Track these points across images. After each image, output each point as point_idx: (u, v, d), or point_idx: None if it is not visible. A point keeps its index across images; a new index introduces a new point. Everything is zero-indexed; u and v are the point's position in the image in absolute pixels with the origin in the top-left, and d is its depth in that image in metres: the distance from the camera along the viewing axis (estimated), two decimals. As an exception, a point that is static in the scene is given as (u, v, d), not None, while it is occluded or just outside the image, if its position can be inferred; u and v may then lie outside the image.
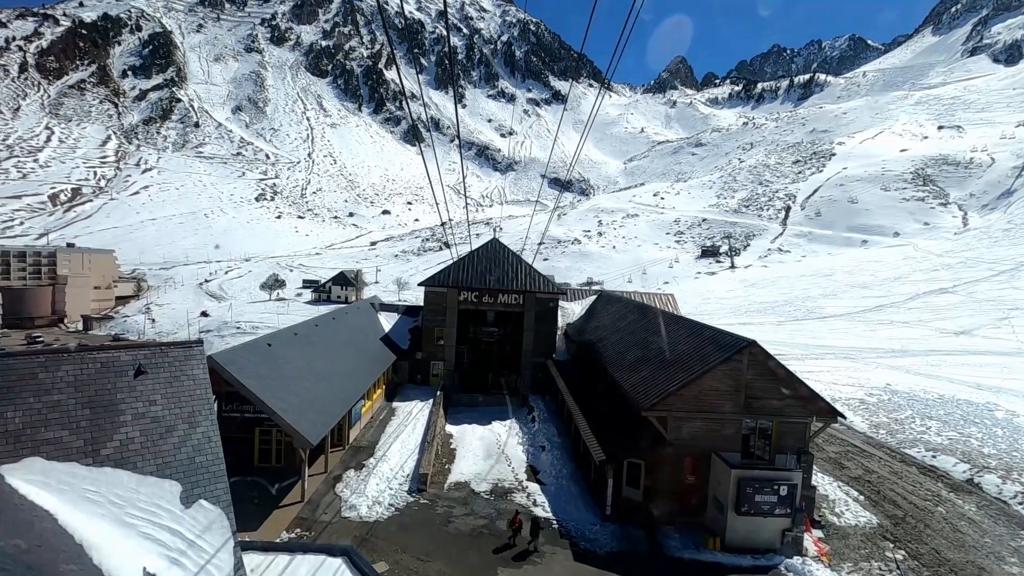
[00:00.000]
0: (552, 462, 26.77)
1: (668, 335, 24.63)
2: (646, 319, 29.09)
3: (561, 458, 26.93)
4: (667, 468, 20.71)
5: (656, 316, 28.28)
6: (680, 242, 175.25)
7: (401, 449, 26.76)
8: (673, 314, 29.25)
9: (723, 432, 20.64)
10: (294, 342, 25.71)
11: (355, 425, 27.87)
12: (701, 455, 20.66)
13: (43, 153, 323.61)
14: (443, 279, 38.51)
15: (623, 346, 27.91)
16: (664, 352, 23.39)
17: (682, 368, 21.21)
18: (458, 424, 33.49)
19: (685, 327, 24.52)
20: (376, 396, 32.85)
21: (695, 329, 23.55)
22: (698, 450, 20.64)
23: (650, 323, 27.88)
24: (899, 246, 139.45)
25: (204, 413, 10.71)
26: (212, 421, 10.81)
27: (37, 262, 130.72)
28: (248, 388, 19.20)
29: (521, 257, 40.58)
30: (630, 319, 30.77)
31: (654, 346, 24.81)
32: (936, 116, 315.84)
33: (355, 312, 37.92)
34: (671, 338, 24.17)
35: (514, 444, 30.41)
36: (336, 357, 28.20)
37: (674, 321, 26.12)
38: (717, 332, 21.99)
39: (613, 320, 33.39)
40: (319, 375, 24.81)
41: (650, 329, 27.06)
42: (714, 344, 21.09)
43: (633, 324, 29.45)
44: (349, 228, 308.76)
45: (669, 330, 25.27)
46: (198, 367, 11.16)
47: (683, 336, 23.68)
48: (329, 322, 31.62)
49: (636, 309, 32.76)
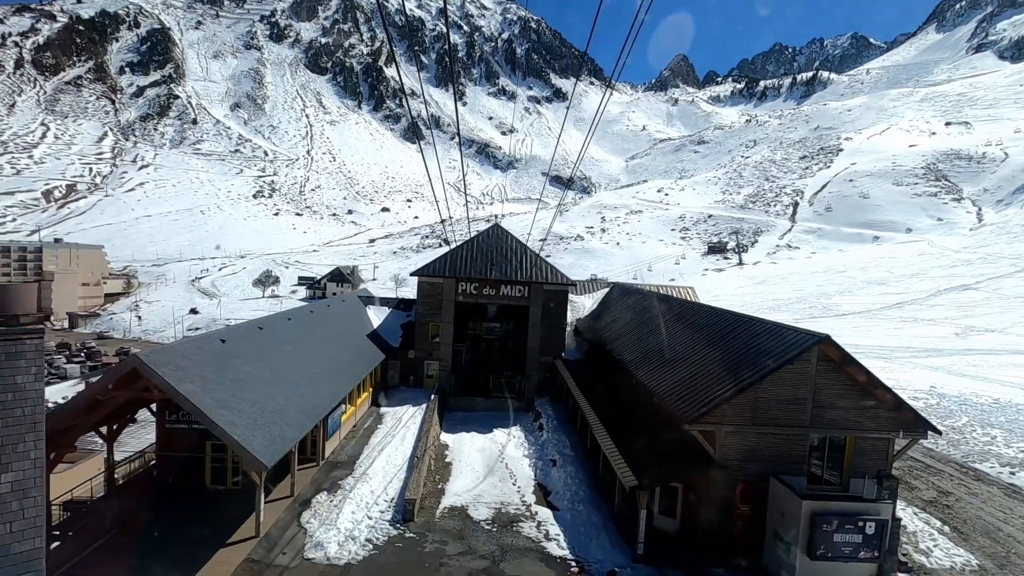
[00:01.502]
0: (565, 480, 22.59)
1: (713, 331, 20.40)
2: (680, 313, 24.84)
3: (576, 476, 22.74)
4: (713, 494, 16.52)
5: (695, 309, 24.07)
6: (685, 238, 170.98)
7: (386, 465, 22.58)
8: (716, 307, 25.03)
9: (784, 450, 16.47)
10: (257, 338, 21.52)
11: (333, 436, 23.71)
12: (757, 479, 16.50)
13: (38, 149, 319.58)
14: (439, 268, 34.31)
15: (649, 344, 23.69)
16: (709, 351, 19.15)
17: (733, 370, 17.01)
18: (455, 432, 29.33)
19: (734, 321, 20.27)
20: (361, 401, 28.69)
21: (748, 323, 19.30)
22: (753, 472, 16.48)
23: (687, 317, 23.65)
24: (913, 242, 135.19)
25: (24, 448, 6.50)
26: (37, 465, 6.60)
27: (22, 257, 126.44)
28: (183, 395, 15.04)
29: (527, 246, 36.38)
30: (657, 313, 26.56)
31: (693, 344, 20.58)
32: (942, 113, 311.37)
33: (338, 305, 33.71)
34: (716, 334, 19.94)
35: (519, 456, 26.25)
36: (311, 356, 24.02)
37: (717, 315, 21.86)
38: (777, 327, 17.78)
39: (634, 314, 29.17)
40: (286, 378, 20.62)
41: (687, 324, 22.83)
42: (776, 340, 16.87)
43: (662, 319, 25.24)
44: (348, 226, 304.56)
45: (713, 325, 21.03)
46: (27, 372, 6.97)
47: (732, 332, 19.45)
48: (305, 316, 27.42)
49: (664, 302, 28.52)
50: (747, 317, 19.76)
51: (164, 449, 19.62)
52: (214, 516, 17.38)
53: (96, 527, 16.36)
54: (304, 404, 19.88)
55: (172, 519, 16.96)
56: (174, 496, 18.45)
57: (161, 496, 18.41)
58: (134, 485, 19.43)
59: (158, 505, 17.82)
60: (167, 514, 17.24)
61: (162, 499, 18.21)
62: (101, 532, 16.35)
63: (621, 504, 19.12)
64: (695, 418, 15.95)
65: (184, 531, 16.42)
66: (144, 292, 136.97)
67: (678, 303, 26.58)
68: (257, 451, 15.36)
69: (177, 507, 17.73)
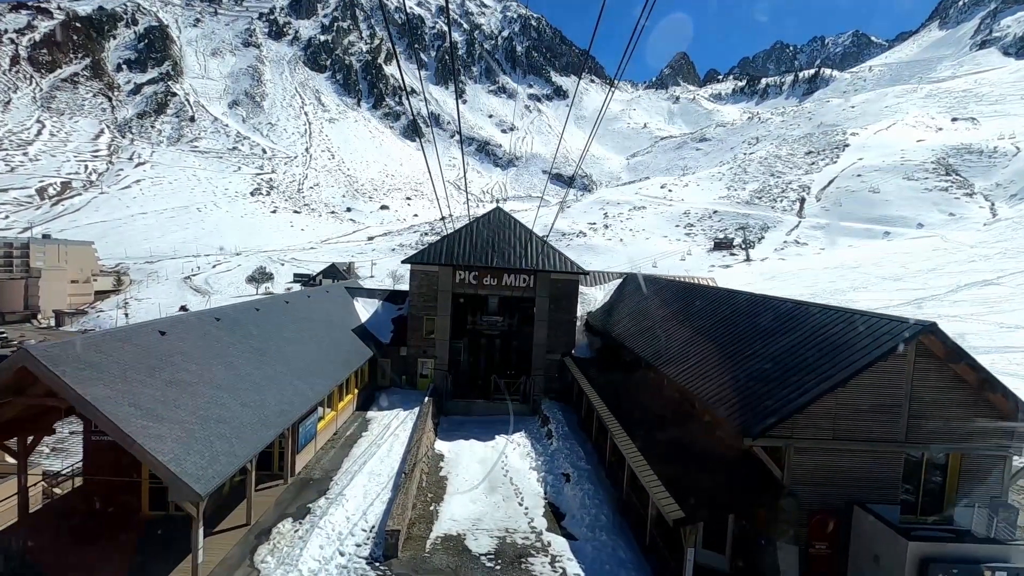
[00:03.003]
0: (582, 500, 18.95)
1: (769, 322, 16.73)
2: (721, 302, 21.13)
3: (595, 495, 19.09)
4: (780, 528, 12.88)
5: (741, 298, 20.38)
6: (690, 234, 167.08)
7: (368, 483, 18.93)
8: (768, 295, 21.41)
9: (872, 471, 12.84)
10: (211, 331, 17.86)
11: (306, 447, 20.05)
12: (836, 508, 12.87)
13: (33, 147, 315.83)
14: (434, 255, 30.63)
15: (684, 339, 20.00)
16: (766, 347, 15.47)
17: (804, 371, 13.32)
18: (451, 439, 25.75)
19: (796, 309, 16.56)
20: (343, 405, 25.05)
21: (820, 312, 15.58)
22: (831, 500, 12.86)
23: (730, 307, 19.94)
24: (925, 237, 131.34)
25: None
26: None
27: (8, 254, 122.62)
28: (88, 401, 11.40)
29: (532, 231, 32.68)
30: (690, 303, 22.88)
31: (743, 339, 16.91)
32: (948, 109, 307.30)
33: (320, 296, 30.01)
34: (775, 326, 16.27)
35: (525, 469, 22.63)
36: (280, 354, 20.37)
37: (772, 303, 18.15)
38: (863, 314, 14.10)
39: (659, 305, 25.46)
40: (246, 380, 16.97)
41: (731, 315, 19.14)
42: (861, 331, 13.19)
43: (697, 310, 21.55)
44: (346, 223, 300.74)
45: (768, 315, 17.37)
46: None
47: (795, 322, 15.77)
48: (278, 307, 23.73)
49: (696, 290, 24.85)
50: (814, 305, 16.09)
51: (92, 469, 16.00)
52: (147, 554, 13.75)
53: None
54: (265, 412, 16.23)
55: (93, 557, 13.36)
56: (100, 527, 14.82)
57: (84, 527, 14.77)
58: (51, 514, 15.77)
59: (78, 539, 14.20)
60: (87, 551, 13.63)
61: (84, 531, 14.58)
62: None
63: (655, 534, 15.49)
64: (760, 431, 12.30)
65: (102, 574, 12.79)
66: (135, 289, 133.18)
67: (718, 291, 22.94)
68: (189, 475, 11.71)
69: (101, 542, 14.10)
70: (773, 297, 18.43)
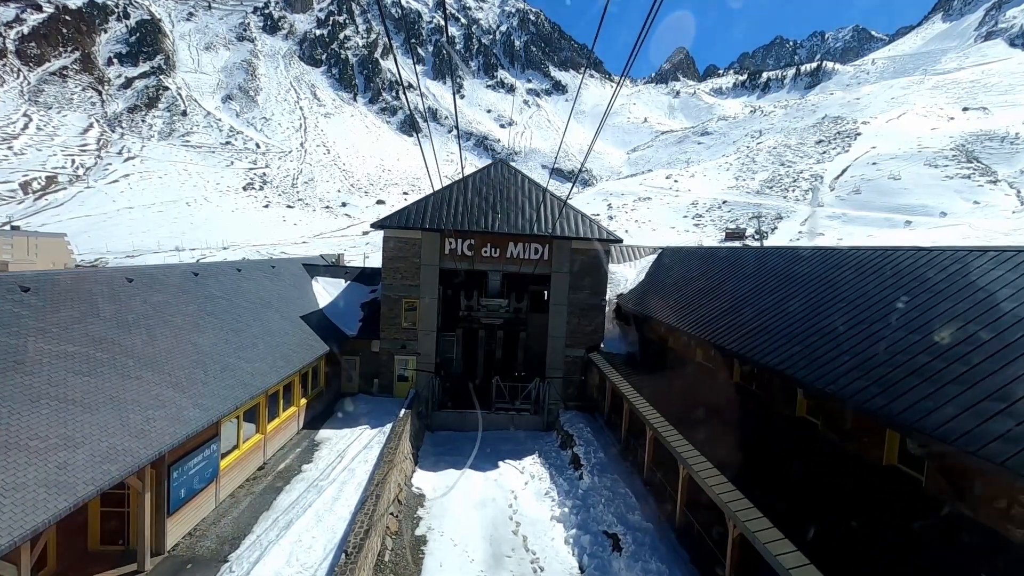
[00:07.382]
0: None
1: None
2: (858, 266, 13.47)
3: (662, 573, 11.52)
4: None
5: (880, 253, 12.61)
6: (699, 225, 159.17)
7: (289, 561, 11.31)
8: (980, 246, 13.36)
9: None
10: (45, 314, 10.18)
11: (188, 503, 12.32)
12: None
13: (19, 140, 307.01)
14: (415, 217, 22.88)
15: (826, 327, 12.31)
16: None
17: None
18: (438, 468, 18.18)
19: None
20: (278, 423, 17.37)
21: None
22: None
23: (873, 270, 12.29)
24: (951, 226, 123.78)
25: None
26: None
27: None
28: None
29: (546, 188, 24.93)
30: (810, 274, 15.19)
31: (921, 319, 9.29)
32: (956, 99, 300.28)
33: (259, 272, 22.23)
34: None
35: (546, 520, 15.08)
36: (171, 348, 12.67)
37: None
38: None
39: (743, 280, 17.71)
40: (80, 391, 9.27)
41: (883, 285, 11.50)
42: None
43: (846, 281, 13.83)
44: (341, 218, 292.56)
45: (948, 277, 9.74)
46: None
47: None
48: (172, 282, 16.01)
49: (820, 255, 16.89)
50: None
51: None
52: None
53: None
54: (96, 448, 8.59)
55: None
56: None
57: None
58: None
59: None
60: None
61: None
62: None
63: None
64: None
65: None
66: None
67: (831, 251, 15.30)
68: None
69: None
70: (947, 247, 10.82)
